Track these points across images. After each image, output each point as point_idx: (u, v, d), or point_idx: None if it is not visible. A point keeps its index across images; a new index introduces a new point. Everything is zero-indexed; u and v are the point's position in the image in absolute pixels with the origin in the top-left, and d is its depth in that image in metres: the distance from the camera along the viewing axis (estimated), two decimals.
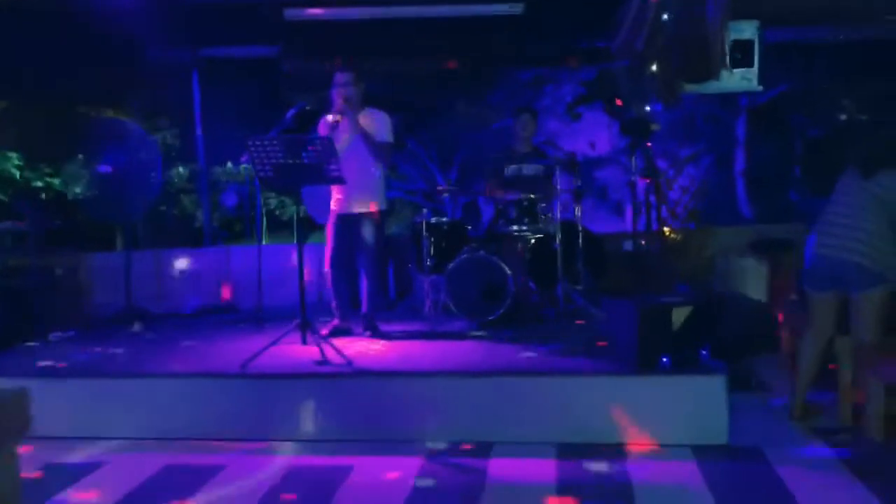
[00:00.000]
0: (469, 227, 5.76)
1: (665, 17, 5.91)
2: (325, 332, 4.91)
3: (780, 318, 5.59)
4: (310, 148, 4.26)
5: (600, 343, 4.45)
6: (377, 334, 4.98)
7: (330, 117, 4.82)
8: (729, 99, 9.14)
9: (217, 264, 6.67)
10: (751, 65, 6.28)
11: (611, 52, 6.98)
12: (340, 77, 4.86)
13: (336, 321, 5.06)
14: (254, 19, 6.60)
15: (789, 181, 9.82)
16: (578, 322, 5.23)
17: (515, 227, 5.37)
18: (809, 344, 4.04)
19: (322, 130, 4.90)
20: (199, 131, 6.87)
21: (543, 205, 5.40)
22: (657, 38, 6.12)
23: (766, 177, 9.86)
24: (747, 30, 6.10)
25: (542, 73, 8.74)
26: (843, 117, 9.65)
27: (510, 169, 5.94)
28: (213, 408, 4.04)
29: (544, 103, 9.20)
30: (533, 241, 5.59)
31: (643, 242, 6.72)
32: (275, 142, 4.29)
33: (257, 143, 4.25)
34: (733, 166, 9.75)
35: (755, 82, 6.33)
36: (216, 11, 6.32)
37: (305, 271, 6.24)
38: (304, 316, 4.40)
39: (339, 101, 4.80)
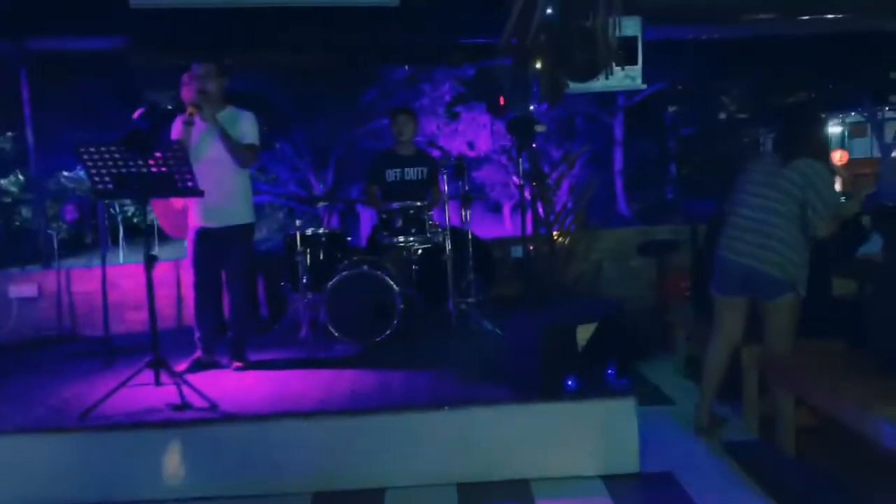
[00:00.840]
0: (349, 238, 5.26)
1: (549, 11, 5.64)
2: (183, 367, 4.28)
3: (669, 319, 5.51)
4: (157, 154, 3.63)
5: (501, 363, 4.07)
6: (247, 365, 4.40)
7: (185, 115, 4.19)
8: (606, 98, 9.15)
9: (57, 286, 5.81)
10: (635, 62, 6.17)
11: (492, 49, 6.67)
12: (197, 68, 4.26)
13: (198, 353, 4.44)
14: (94, 6, 5.78)
15: (666, 179, 10.01)
16: (473, 339, 4.84)
17: (401, 238, 4.92)
18: (716, 350, 3.86)
19: (175, 133, 4.27)
20: (29, 135, 5.96)
21: (429, 212, 4.97)
22: (541, 34, 5.85)
23: (643, 175, 10.01)
24: (630, 26, 5.99)
25: (420, 71, 8.38)
26: (722, 115, 9.92)
27: (391, 174, 5.51)
28: (46, 470, 3.35)
29: (422, 103, 8.87)
30: (420, 251, 5.18)
31: (531, 248, 6.47)
32: (112, 149, 3.63)
33: (91, 150, 3.58)
34: (612, 166, 9.82)
35: (639, 80, 6.23)
36: None
37: (163, 293, 5.55)
38: (157, 351, 3.76)
39: (194, 96, 4.18)
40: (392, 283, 4.65)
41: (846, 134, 20.32)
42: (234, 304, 4.41)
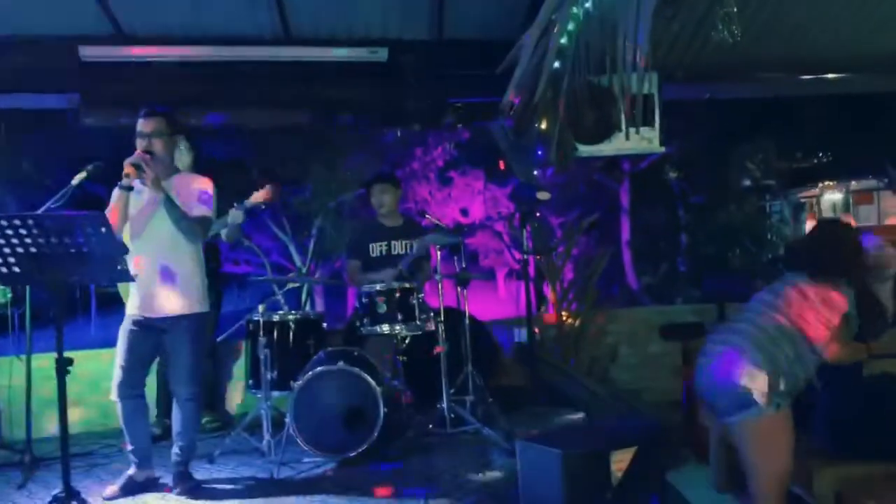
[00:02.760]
0: (325, 325, 4.48)
1: (557, 65, 5.01)
2: (113, 490, 3.46)
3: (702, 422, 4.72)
4: (82, 229, 2.89)
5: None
6: (193, 490, 3.56)
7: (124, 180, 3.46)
8: (611, 162, 8.52)
9: None
10: (652, 123, 5.53)
11: (490, 109, 6.02)
12: (142, 123, 3.55)
13: (132, 470, 3.60)
14: (39, 61, 5.14)
15: (678, 251, 9.34)
16: (472, 455, 4.00)
17: (385, 327, 4.15)
18: None
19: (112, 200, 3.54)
20: None
21: (419, 295, 4.22)
22: (548, 91, 5.20)
23: (652, 246, 9.35)
24: (646, 83, 5.37)
25: (410, 134, 7.77)
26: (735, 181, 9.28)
27: (376, 248, 4.79)
28: None
29: (412, 167, 8.25)
30: (408, 341, 4.39)
31: (537, 331, 5.70)
32: (27, 220, 2.89)
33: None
34: (619, 236, 9.16)
35: (657, 143, 5.59)
36: None
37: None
38: (68, 482, 2.94)
39: (134, 156, 3.47)
40: (373, 382, 3.85)
41: (850, 201, 19.86)
42: (182, 412, 3.61)
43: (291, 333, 4.29)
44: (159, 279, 3.50)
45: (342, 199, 7.70)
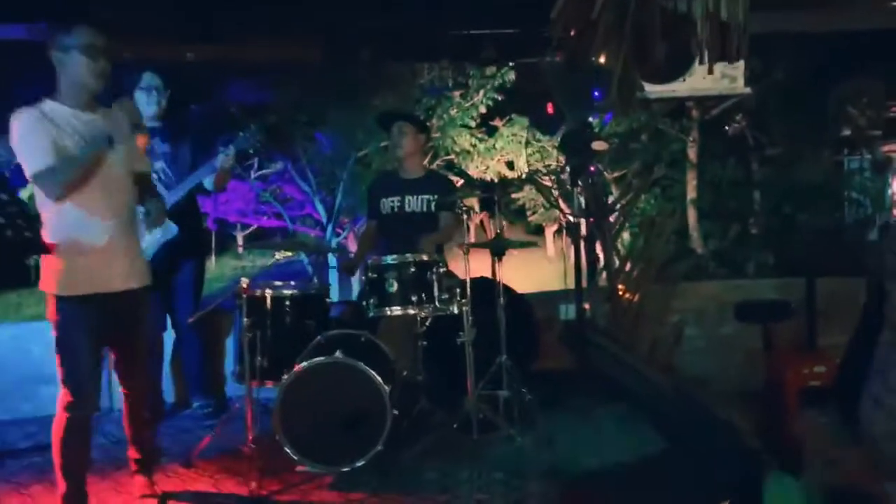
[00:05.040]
0: (330, 301, 3.72)
1: None
2: None
3: (792, 422, 3.88)
4: None
5: None
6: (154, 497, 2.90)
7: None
8: (679, 107, 7.50)
9: None
10: (735, 58, 4.56)
11: (538, 43, 5.08)
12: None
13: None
14: None
15: (749, 211, 8.33)
16: (501, 473, 3.23)
17: (397, 308, 3.36)
18: None
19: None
20: None
21: (441, 268, 3.41)
22: (608, 15, 4.27)
23: (721, 206, 8.35)
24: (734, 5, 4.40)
25: (447, 75, 6.89)
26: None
27: (387, 204, 4.01)
28: None
29: (450, 113, 7.38)
30: (427, 324, 3.61)
31: (587, 307, 4.87)
32: None
33: None
34: (682, 194, 8.19)
35: (741, 82, 4.66)
36: None
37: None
38: None
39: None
40: (378, 379, 3.10)
41: None
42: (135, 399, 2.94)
43: (285, 311, 3.55)
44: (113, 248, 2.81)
45: (370, 148, 6.92)
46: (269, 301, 3.52)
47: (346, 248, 7.96)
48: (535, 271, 12.60)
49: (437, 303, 3.39)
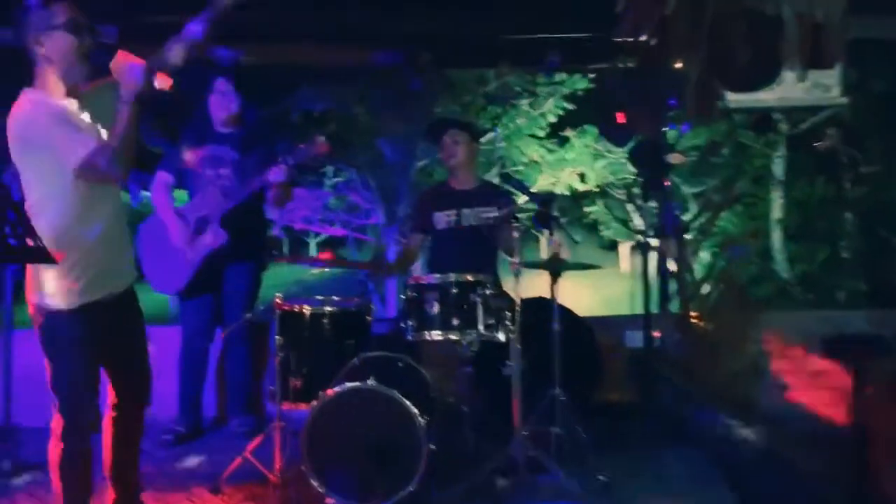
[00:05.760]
0: (369, 319, 3.47)
1: None
2: None
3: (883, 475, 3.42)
4: None
5: None
6: None
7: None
8: (765, 118, 7.01)
9: None
10: (829, 64, 4.15)
11: (609, 47, 4.74)
12: None
13: None
14: None
15: (839, 232, 7.73)
16: None
17: (436, 333, 3.08)
18: None
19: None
20: None
21: (487, 290, 3.11)
22: (686, 19, 3.90)
23: (809, 227, 7.76)
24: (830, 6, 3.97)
25: (514, 83, 6.62)
26: None
27: (443, 219, 3.76)
28: None
29: (517, 124, 7.09)
30: (474, 348, 3.31)
31: (657, 334, 4.49)
32: None
33: None
34: (767, 213, 7.66)
35: (836, 91, 4.22)
36: None
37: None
38: None
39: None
40: (413, 410, 2.82)
41: None
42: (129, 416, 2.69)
43: (322, 329, 3.32)
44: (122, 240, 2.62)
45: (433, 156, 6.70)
46: (304, 317, 3.30)
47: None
48: (604, 290, 12.13)
49: (481, 328, 3.08)
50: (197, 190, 4.01)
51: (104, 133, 2.40)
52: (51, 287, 2.37)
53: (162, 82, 2.30)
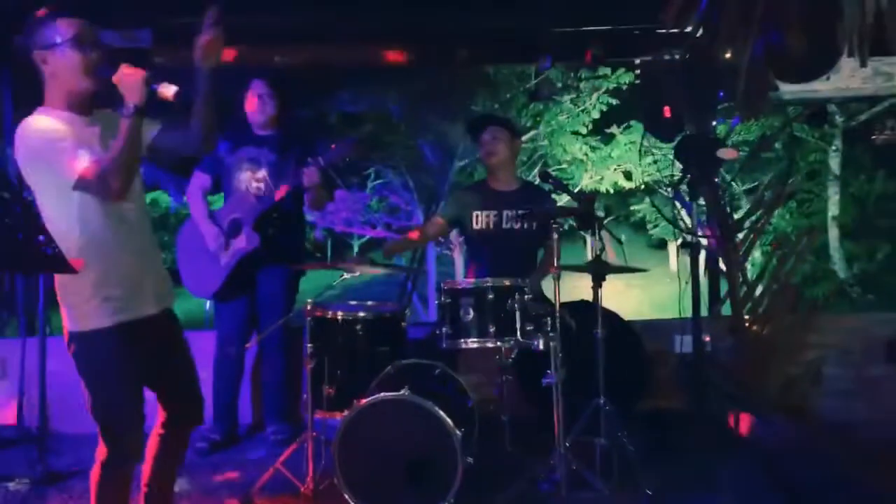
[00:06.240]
0: (404, 324, 3.36)
1: None
2: None
3: None
4: None
5: None
6: None
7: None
8: (820, 111, 6.71)
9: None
10: (891, 51, 3.89)
11: (654, 39, 4.55)
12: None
13: None
14: None
15: None
16: None
17: (473, 341, 2.96)
18: None
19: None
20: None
21: (526, 295, 2.97)
22: (736, 6, 3.70)
23: (868, 225, 7.43)
24: None
25: (556, 79, 6.44)
26: None
27: (482, 218, 3.66)
28: None
29: (559, 121, 6.91)
30: (511, 357, 3.17)
31: (708, 338, 4.28)
32: None
33: None
34: (823, 210, 7.35)
35: None
36: None
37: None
38: None
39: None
40: (449, 423, 2.70)
41: None
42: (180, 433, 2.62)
43: (356, 335, 3.23)
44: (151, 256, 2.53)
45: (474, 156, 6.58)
46: (336, 323, 3.21)
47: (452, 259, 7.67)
48: (653, 291, 11.85)
49: (519, 335, 2.95)
50: (233, 192, 3.97)
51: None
52: (81, 307, 2.30)
53: (166, 91, 2.21)
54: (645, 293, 11.88)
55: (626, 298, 3.50)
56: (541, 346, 2.96)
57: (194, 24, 2.45)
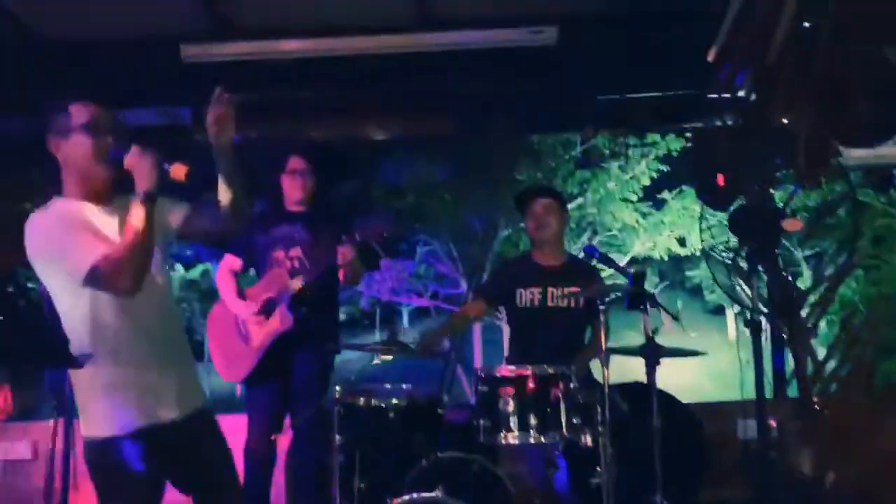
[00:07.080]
0: (441, 411, 3.15)
1: (808, 25, 3.34)
2: None
3: None
4: None
5: None
6: None
7: None
8: (885, 175, 6.41)
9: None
10: None
11: (704, 104, 4.36)
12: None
13: None
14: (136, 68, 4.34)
15: None
16: None
17: (513, 436, 2.73)
18: None
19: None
20: None
21: (574, 384, 2.75)
22: (793, 67, 3.51)
23: None
24: None
25: (604, 146, 6.30)
26: None
27: (526, 296, 3.48)
28: None
29: (608, 188, 6.74)
30: (558, 452, 2.93)
31: (774, 423, 3.96)
32: None
33: None
34: (892, 277, 6.95)
35: None
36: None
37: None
38: None
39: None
40: None
41: None
42: None
43: (388, 424, 3.02)
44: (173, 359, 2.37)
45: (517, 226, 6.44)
46: (367, 411, 3.02)
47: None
48: (712, 361, 11.36)
49: (565, 430, 2.71)
50: (265, 270, 3.86)
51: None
52: (91, 411, 2.14)
53: (178, 172, 2.10)
54: (703, 362, 11.40)
55: (682, 369, 3.25)
56: (589, 443, 2.71)
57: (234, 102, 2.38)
